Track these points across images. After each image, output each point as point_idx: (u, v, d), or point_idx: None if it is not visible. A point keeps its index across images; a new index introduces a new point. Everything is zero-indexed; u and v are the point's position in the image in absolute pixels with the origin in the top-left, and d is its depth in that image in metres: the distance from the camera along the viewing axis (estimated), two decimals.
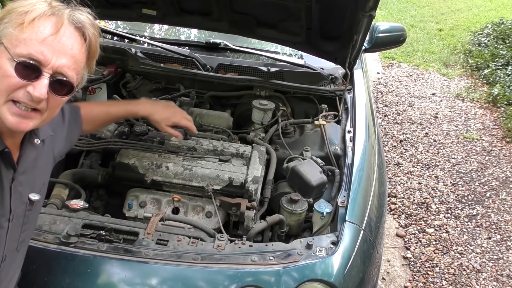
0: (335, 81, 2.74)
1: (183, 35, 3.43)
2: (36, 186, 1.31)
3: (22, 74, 1.03)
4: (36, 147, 1.25)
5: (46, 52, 1.05)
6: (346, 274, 1.59)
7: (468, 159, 4.59)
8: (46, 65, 1.05)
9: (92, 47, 1.17)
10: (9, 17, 1.06)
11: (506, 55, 6.47)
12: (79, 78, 1.16)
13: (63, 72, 1.08)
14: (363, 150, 2.19)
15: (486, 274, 3.18)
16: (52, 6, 1.09)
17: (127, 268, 1.55)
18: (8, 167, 1.17)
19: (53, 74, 1.07)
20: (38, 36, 1.04)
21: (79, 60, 1.12)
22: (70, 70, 1.10)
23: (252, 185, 1.98)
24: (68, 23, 1.09)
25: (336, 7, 2.23)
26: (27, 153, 1.22)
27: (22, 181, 1.23)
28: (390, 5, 10.09)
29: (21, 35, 1.04)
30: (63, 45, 1.07)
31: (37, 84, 1.05)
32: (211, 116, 2.54)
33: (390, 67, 6.91)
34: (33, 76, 1.04)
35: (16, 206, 1.23)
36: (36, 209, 1.35)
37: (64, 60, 1.08)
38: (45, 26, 1.06)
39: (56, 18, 1.08)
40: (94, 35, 1.15)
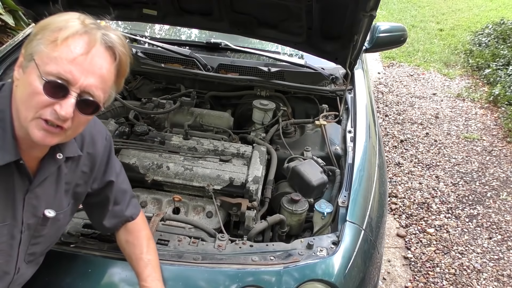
0: (336, 81, 2.74)
1: (183, 35, 3.44)
2: (55, 203, 1.31)
3: (50, 92, 1.05)
4: (58, 162, 1.25)
5: (75, 71, 1.05)
6: (347, 274, 1.59)
7: (468, 159, 4.59)
8: (74, 84, 1.06)
9: (122, 67, 1.17)
10: (42, 34, 1.08)
11: (507, 55, 6.47)
12: (106, 97, 1.16)
13: (90, 92, 1.09)
14: (364, 150, 2.19)
15: (487, 274, 3.17)
16: (85, 24, 1.11)
17: (128, 268, 1.54)
18: (23, 178, 1.18)
19: (81, 93, 1.08)
20: (69, 56, 1.05)
21: (107, 79, 1.13)
22: (98, 89, 1.10)
23: (253, 185, 1.98)
24: (99, 42, 1.10)
25: (337, 7, 2.23)
26: (46, 166, 1.23)
27: (37, 194, 1.24)
28: (391, 5, 10.09)
29: (52, 54, 1.05)
30: (92, 65, 1.08)
31: (64, 103, 1.06)
32: (212, 116, 2.54)
33: (390, 67, 6.91)
34: (60, 94, 1.05)
35: (27, 218, 1.24)
36: (52, 226, 1.34)
37: (92, 80, 1.08)
38: (76, 45, 1.06)
39: (88, 38, 1.08)
40: (124, 54, 1.16)
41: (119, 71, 1.17)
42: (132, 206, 1.54)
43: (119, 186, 1.50)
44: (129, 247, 1.49)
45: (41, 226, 1.30)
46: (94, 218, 1.56)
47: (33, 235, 1.30)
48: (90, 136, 1.37)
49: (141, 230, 1.53)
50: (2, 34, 4.89)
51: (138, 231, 1.52)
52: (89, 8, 2.63)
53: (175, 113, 2.52)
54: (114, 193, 1.48)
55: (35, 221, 1.27)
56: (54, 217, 1.30)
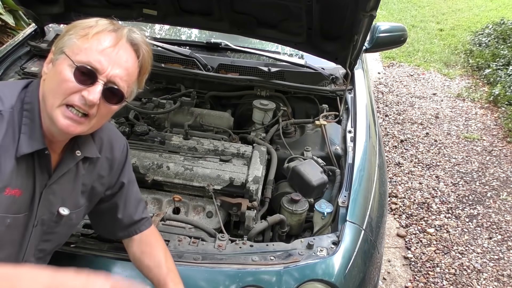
0: (336, 81, 2.74)
1: (183, 35, 3.44)
2: (70, 202, 1.35)
3: (80, 79, 1.13)
4: (76, 158, 1.29)
5: (103, 61, 1.14)
6: (347, 274, 1.59)
7: (469, 159, 4.59)
8: (102, 73, 1.15)
9: (144, 64, 1.26)
10: (74, 30, 1.18)
11: (507, 55, 6.47)
12: (129, 91, 1.24)
13: (115, 82, 1.17)
14: (364, 150, 2.19)
15: (487, 274, 3.17)
16: (113, 24, 1.21)
17: (128, 268, 1.55)
18: (43, 171, 1.23)
19: (107, 82, 1.16)
20: (98, 47, 1.15)
21: (131, 73, 1.21)
22: (122, 81, 1.18)
23: (253, 185, 1.98)
24: (126, 39, 1.20)
25: (337, 7, 2.23)
26: (65, 162, 1.28)
27: (55, 190, 1.28)
28: (391, 5, 10.09)
29: (83, 45, 1.15)
30: (119, 57, 1.17)
31: (92, 89, 1.13)
32: (212, 116, 2.54)
33: (390, 67, 6.91)
34: (89, 81, 1.13)
35: (42, 213, 1.27)
36: (65, 225, 1.37)
37: (118, 71, 1.17)
38: (105, 39, 1.16)
39: (116, 34, 1.18)
40: (147, 53, 1.25)
41: (141, 68, 1.26)
42: (145, 215, 1.54)
43: (132, 194, 1.52)
44: (146, 258, 1.48)
45: (54, 223, 1.33)
46: (105, 226, 1.56)
47: (45, 231, 1.32)
48: (108, 141, 1.41)
49: (157, 240, 1.54)
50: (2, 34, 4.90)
51: (154, 241, 1.52)
52: (89, 8, 2.65)
53: (175, 113, 2.52)
54: (126, 200, 1.49)
55: (49, 217, 1.30)
56: (67, 215, 1.33)
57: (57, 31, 2.86)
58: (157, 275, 1.43)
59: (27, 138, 1.16)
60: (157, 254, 1.48)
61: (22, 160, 1.16)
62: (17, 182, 1.16)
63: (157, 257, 1.47)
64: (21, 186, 1.18)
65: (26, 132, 1.16)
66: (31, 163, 1.20)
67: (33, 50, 2.72)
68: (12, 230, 1.21)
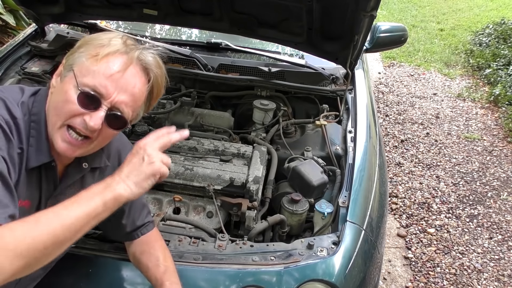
0: (336, 81, 2.74)
1: (184, 35, 3.44)
2: None
3: (83, 103, 1.11)
4: (83, 171, 1.29)
5: (109, 87, 1.12)
6: (347, 274, 1.59)
7: (469, 159, 4.59)
8: (107, 99, 1.12)
9: (155, 88, 1.23)
10: (85, 48, 1.15)
11: (508, 55, 6.46)
12: (134, 115, 1.22)
13: (120, 108, 1.15)
14: (364, 150, 2.19)
15: (487, 274, 3.17)
16: (126, 44, 1.17)
17: (128, 268, 1.55)
18: (50, 182, 1.23)
19: (111, 107, 1.14)
20: (106, 71, 1.12)
21: (137, 98, 1.18)
22: (127, 107, 1.16)
23: (253, 185, 1.98)
24: (136, 62, 1.16)
25: (337, 7, 2.23)
26: (71, 173, 1.27)
27: (60, 201, 1.25)
28: (391, 5, 10.09)
29: (92, 67, 1.12)
30: (126, 82, 1.14)
31: (94, 114, 1.12)
32: (212, 116, 2.54)
33: (391, 67, 6.91)
34: (92, 106, 1.12)
35: None
36: None
37: (123, 97, 1.14)
38: (114, 62, 1.13)
39: (127, 57, 1.15)
40: (159, 75, 1.22)
41: (151, 92, 1.23)
42: (148, 220, 1.54)
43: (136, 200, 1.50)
44: (145, 257, 1.48)
45: None
46: (107, 230, 1.57)
47: None
48: (116, 149, 1.41)
49: (157, 240, 1.54)
50: (3, 34, 4.90)
51: (154, 241, 1.52)
52: (90, 8, 2.65)
53: (176, 113, 2.52)
54: (130, 206, 1.49)
55: None
56: None
57: (58, 31, 2.86)
58: (154, 274, 1.42)
59: (34, 151, 1.15)
60: (156, 253, 1.48)
61: (31, 172, 1.16)
62: (26, 193, 1.17)
63: (155, 256, 1.47)
64: (29, 197, 1.18)
65: (34, 144, 1.15)
66: (38, 174, 1.20)
67: (34, 50, 2.72)
68: None
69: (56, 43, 2.73)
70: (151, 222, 1.55)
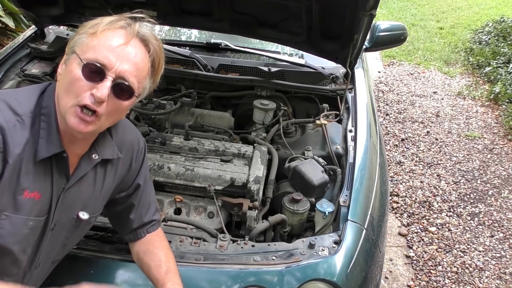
0: (336, 80, 2.74)
1: (183, 36, 3.44)
2: (90, 206, 1.36)
3: (88, 76, 1.13)
4: (93, 162, 1.29)
5: (111, 57, 1.14)
6: (349, 274, 1.59)
7: (470, 157, 4.59)
8: (110, 69, 1.14)
9: (156, 59, 1.25)
10: (84, 29, 1.19)
11: (507, 53, 6.46)
12: (140, 87, 1.23)
13: (124, 77, 1.16)
14: (365, 149, 2.19)
15: (489, 272, 3.17)
16: (123, 19, 1.21)
17: (130, 269, 1.55)
18: (61, 174, 1.23)
19: (116, 78, 1.15)
20: (106, 43, 1.15)
21: (141, 68, 1.20)
22: (132, 76, 1.17)
23: (254, 185, 1.98)
24: (135, 34, 1.19)
25: (337, 7, 2.23)
26: (82, 165, 1.28)
27: (73, 194, 1.28)
28: (391, 4, 10.09)
29: (91, 43, 1.15)
30: (127, 53, 1.16)
31: (100, 85, 1.13)
32: (213, 116, 2.54)
33: (391, 66, 6.91)
34: (97, 78, 1.13)
35: (59, 216, 1.27)
36: (82, 229, 1.40)
37: (126, 66, 1.16)
38: (113, 35, 1.16)
39: (124, 31, 1.18)
40: (158, 47, 1.25)
41: (153, 63, 1.25)
42: (155, 217, 1.54)
43: (146, 194, 1.52)
44: (148, 256, 1.48)
45: (73, 227, 1.35)
46: (114, 224, 1.58)
47: (66, 236, 1.34)
48: (129, 143, 1.42)
49: (161, 240, 1.54)
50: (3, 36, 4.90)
51: (158, 241, 1.52)
52: (89, 9, 2.64)
53: (176, 113, 2.52)
54: (139, 200, 1.50)
55: (67, 221, 1.31)
56: (87, 220, 1.35)
57: (57, 33, 2.86)
58: (156, 274, 1.43)
59: (45, 142, 1.16)
60: (159, 253, 1.48)
61: (40, 163, 1.17)
62: (35, 185, 1.17)
63: (158, 256, 1.47)
64: (39, 189, 1.19)
65: (44, 136, 1.16)
66: (49, 166, 1.20)
67: (33, 52, 2.72)
68: (34, 232, 1.23)
69: (56, 44, 2.74)
70: (158, 222, 1.55)
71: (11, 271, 1.25)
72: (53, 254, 1.36)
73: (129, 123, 1.49)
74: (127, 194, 1.48)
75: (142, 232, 1.51)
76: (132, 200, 1.49)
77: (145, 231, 1.51)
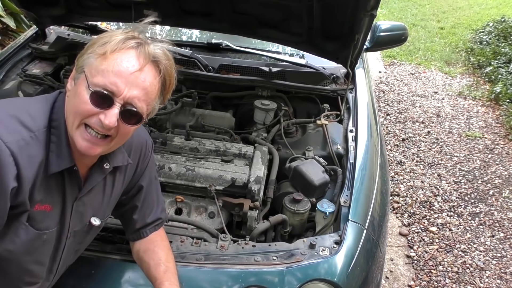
0: (337, 80, 2.74)
1: (184, 36, 3.44)
2: (100, 212, 1.38)
3: (96, 102, 1.11)
4: (105, 171, 1.30)
5: (120, 83, 1.11)
6: (350, 274, 1.59)
7: (470, 157, 4.59)
8: (119, 96, 1.12)
9: (167, 79, 1.22)
10: (92, 48, 1.15)
11: (508, 53, 6.45)
12: (149, 109, 1.21)
13: (133, 103, 1.14)
14: (366, 149, 2.19)
15: (489, 272, 3.17)
16: (132, 38, 1.16)
17: (130, 269, 1.55)
18: (74, 185, 1.24)
19: (124, 104, 1.13)
20: (115, 68, 1.11)
21: (150, 92, 1.17)
22: (140, 101, 1.15)
23: (255, 185, 1.98)
24: (144, 57, 1.15)
25: (338, 7, 2.23)
26: (94, 175, 1.28)
27: (85, 202, 1.30)
28: (391, 4, 10.08)
29: (100, 66, 1.12)
30: (136, 77, 1.13)
31: (108, 112, 1.12)
32: (213, 116, 2.54)
33: (391, 66, 6.90)
34: (105, 105, 1.11)
35: (74, 225, 1.30)
36: (93, 233, 1.43)
37: (135, 92, 1.14)
38: (122, 59, 1.12)
39: (135, 52, 1.14)
40: (169, 66, 1.21)
41: (163, 84, 1.22)
42: (159, 216, 1.55)
43: (150, 195, 1.53)
44: (148, 255, 1.48)
45: (85, 233, 1.37)
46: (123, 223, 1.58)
47: (78, 242, 1.37)
48: (137, 145, 1.43)
49: (162, 240, 1.55)
50: (4, 36, 4.91)
51: (160, 241, 1.53)
52: (90, 9, 2.65)
53: (177, 114, 2.53)
54: (143, 202, 1.51)
55: (81, 228, 1.33)
56: (98, 225, 1.37)
57: (58, 33, 2.86)
58: (154, 273, 1.43)
59: (55, 156, 1.15)
60: (159, 252, 1.49)
61: (52, 176, 1.17)
62: (46, 198, 1.18)
63: (158, 255, 1.48)
64: (50, 202, 1.19)
65: (54, 150, 1.15)
66: (61, 179, 1.20)
67: (35, 53, 2.72)
68: (48, 244, 1.25)
69: (57, 45, 2.74)
70: (162, 220, 1.56)
71: (24, 280, 1.27)
72: (69, 261, 1.39)
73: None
74: (130, 195, 1.49)
75: (145, 231, 1.52)
76: (135, 201, 1.50)
77: (147, 231, 1.52)
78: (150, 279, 1.44)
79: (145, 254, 1.49)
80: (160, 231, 1.56)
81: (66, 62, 2.71)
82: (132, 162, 1.40)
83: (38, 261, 1.26)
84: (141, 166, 1.47)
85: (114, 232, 1.71)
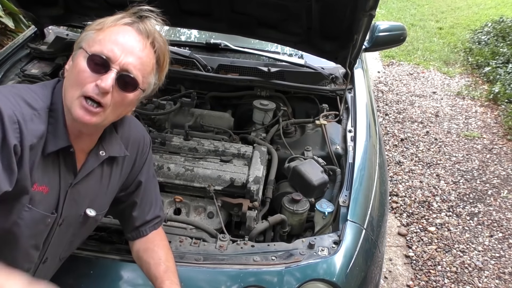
0: (336, 80, 2.74)
1: (183, 36, 3.44)
2: (97, 203, 1.37)
3: (93, 68, 1.15)
4: (100, 158, 1.31)
5: (116, 50, 1.17)
6: (349, 274, 1.60)
7: (469, 157, 4.59)
8: (115, 61, 1.16)
9: (161, 56, 1.27)
10: (91, 27, 1.23)
11: (506, 53, 6.46)
12: (145, 82, 1.25)
13: (128, 69, 1.18)
14: (364, 149, 2.19)
15: (488, 272, 3.18)
16: (129, 15, 1.25)
17: (129, 269, 1.55)
18: (69, 169, 1.26)
19: (120, 70, 1.17)
20: (112, 37, 1.18)
21: (145, 62, 1.22)
22: (136, 69, 1.20)
23: (254, 185, 1.98)
24: (140, 31, 1.22)
25: (336, 7, 2.23)
26: (89, 161, 1.29)
27: (80, 191, 1.30)
28: (390, 4, 10.09)
29: (97, 37, 1.19)
30: (132, 46, 1.19)
31: (105, 77, 1.15)
32: (212, 116, 2.54)
33: (390, 66, 6.91)
34: (102, 70, 1.16)
35: (67, 212, 1.29)
36: (88, 226, 1.42)
37: (131, 59, 1.18)
38: (119, 30, 1.20)
39: (130, 27, 1.22)
40: (163, 44, 1.27)
41: (158, 60, 1.27)
42: (158, 214, 1.55)
43: (149, 192, 1.53)
44: (147, 254, 1.48)
45: (80, 224, 1.36)
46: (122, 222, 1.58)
47: (73, 233, 1.36)
48: (134, 139, 1.44)
49: (162, 239, 1.55)
50: (2, 36, 4.90)
51: (159, 240, 1.53)
52: (89, 9, 2.64)
53: (176, 114, 2.52)
54: (142, 198, 1.51)
55: (75, 218, 1.33)
56: (94, 217, 1.37)
57: (57, 33, 2.85)
58: (155, 272, 1.43)
59: (52, 136, 1.18)
60: (159, 252, 1.49)
61: (48, 158, 1.19)
62: (44, 179, 1.19)
63: (158, 255, 1.48)
64: (48, 183, 1.21)
65: (51, 131, 1.19)
66: (57, 161, 1.22)
67: (33, 53, 2.72)
68: (48, 229, 1.26)
69: (56, 45, 2.73)
70: (161, 219, 1.56)
71: (23, 266, 1.27)
72: (60, 250, 1.37)
73: (135, 120, 1.51)
74: (129, 191, 1.49)
75: (145, 230, 1.52)
76: (134, 197, 1.50)
77: (147, 229, 1.52)
78: (150, 279, 1.44)
79: (145, 253, 1.49)
80: (159, 230, 1.56)
81: (64, 62, 2.71)
82: (130, 155, 1.42)
83: (36, 245, 1.27)
84: (139, 161, 1.48)
85: (112, 232, 1.71)
